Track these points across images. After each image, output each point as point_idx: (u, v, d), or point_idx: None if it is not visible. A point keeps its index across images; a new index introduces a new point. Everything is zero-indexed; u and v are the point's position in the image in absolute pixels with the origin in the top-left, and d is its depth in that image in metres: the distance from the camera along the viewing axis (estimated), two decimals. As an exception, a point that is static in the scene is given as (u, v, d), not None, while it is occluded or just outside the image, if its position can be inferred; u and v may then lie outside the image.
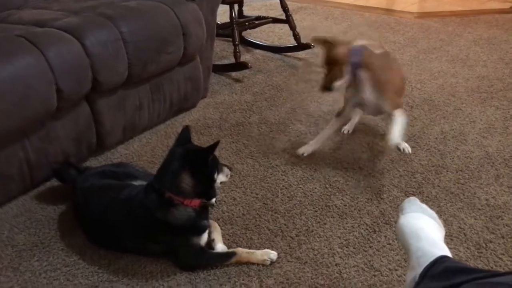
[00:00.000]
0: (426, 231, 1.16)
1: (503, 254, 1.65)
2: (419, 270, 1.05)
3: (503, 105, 2.59)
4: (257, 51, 3.45)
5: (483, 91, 2.75)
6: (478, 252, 1.67)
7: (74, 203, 1.79)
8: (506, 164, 2.12)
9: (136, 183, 1.73)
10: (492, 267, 1.61)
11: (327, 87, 2.00)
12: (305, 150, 2.21)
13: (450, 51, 3.35)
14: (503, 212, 1.83)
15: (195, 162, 1.54)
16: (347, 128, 2.40)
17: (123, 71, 2.09)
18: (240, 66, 3.03)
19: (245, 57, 3.28)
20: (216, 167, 1.63)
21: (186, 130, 1.65)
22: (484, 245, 1.69)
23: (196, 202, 1.56)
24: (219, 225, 1.75)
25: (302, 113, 2.61)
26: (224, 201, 1.91)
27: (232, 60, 3.07)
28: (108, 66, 2.02)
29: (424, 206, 1.24)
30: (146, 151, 2.26)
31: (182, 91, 2.50)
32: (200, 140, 2.33)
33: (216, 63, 3.04)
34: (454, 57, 3.25)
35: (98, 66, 1.97)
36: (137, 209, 1.57)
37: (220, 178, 1.67)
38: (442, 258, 1.05)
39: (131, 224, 1.59)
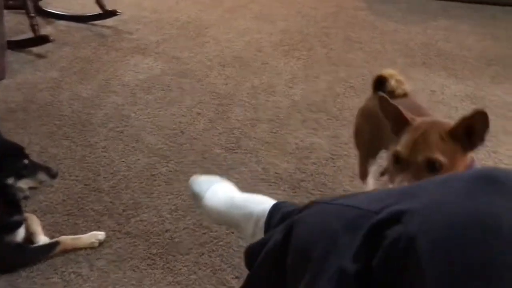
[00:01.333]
0: (236, 196, 1.12)
1: (313, 189, 1.86)
2: (261, 232, 1.00)
3: (303, 55, 2.84)
4: (60, 22, 3.18)
5: (286, 44, 2.97)
6: (293, 192, 1.85)
7: None
8: (310, 109, 2.35)
9: None
10: (305, 203, 1.80)
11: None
12: None
13: (254, 8, 3.52)
14: (310, 152, 2.05)
15: None
16: None
17: None
18: (40, 40, 2.77)
19: (46, 29, 3.00)
20: (12, 171, 1.45)
21: None
22: (297, 185, 1.88)
23: (-7, 200, 1.42)
24: (37, 216, 1.63)
25: (117, 84, 2.52)
26: (41, 190, 1.76)
27: (31, 35, 2.78)
28: None
29: (207, 177, 1.21)
30: None
31: (-28, 75, 2.20)
32: (4, 127, 2.09)
33: (12, 39, 2.73)
34: (258, 13, 3.42)
35: None
36: None
37: (27, 183, 1.49)
38: (274, 208, 1.02)
39: None
